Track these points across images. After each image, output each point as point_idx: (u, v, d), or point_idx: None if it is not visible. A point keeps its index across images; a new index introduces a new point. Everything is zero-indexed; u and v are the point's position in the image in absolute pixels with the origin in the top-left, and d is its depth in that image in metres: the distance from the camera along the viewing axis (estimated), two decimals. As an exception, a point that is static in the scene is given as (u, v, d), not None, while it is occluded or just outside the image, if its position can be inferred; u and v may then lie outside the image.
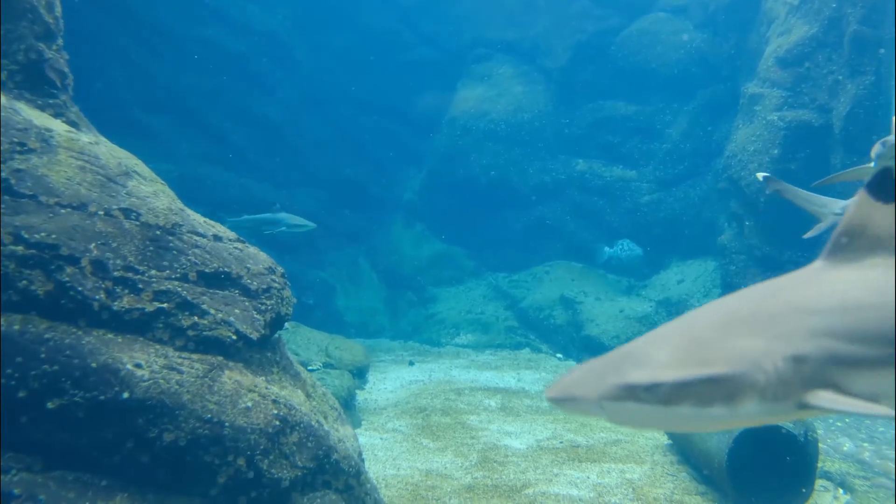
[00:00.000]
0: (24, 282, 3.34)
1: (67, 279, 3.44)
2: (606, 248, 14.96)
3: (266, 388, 4.02)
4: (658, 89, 15.64)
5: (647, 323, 13.36)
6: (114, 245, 3.68)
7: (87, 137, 4.16)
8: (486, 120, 16.67)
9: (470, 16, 17.69)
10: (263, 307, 4.20)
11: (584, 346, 13.45)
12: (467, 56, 17.75)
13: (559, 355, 13.78)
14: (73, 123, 4.28)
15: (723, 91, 14.49)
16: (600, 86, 16.28)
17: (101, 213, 3.74)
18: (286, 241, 16.31)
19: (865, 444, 7.94)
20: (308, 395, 4.55)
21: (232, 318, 3.98)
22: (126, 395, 3.40)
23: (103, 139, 4.45)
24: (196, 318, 3.84)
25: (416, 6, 17.97)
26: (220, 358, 3.88)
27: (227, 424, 3.66)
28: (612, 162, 16.04)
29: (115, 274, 3.62)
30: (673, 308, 13.40)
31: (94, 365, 3.37)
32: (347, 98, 17.62)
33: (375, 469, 7.19)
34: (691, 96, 15.35)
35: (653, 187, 15.43)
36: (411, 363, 12.96)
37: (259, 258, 4.45)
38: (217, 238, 4.29)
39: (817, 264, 2.45)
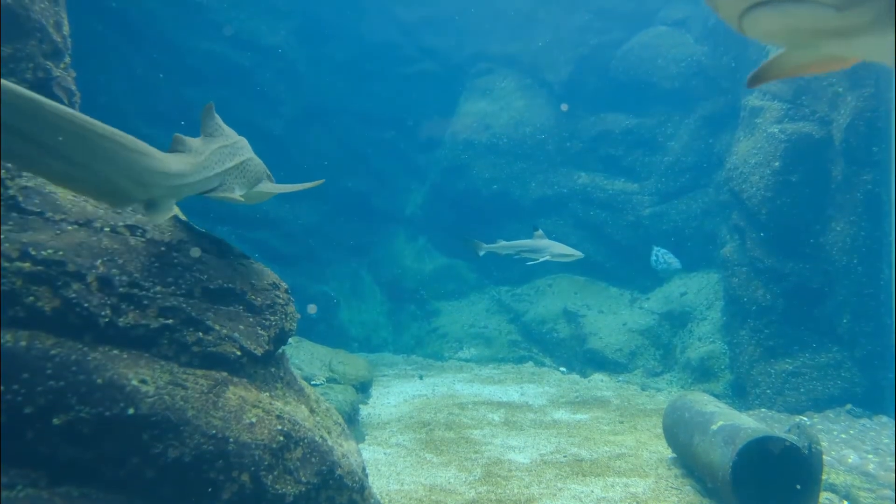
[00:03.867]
0: (31, 298, 3.36)
1: (74, 295, 3.47)
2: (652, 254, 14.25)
3: (270, 404, 4.03)
4: (659, 102, 15.70)
5: (651, 336, 13.36)
6: (119, 261, 3.71)
7: (94, 154, 4.19)
8: (489, 134, 16.73)
9: (471, 30, 17.79)
10: (267, 323, 4.22)
11: (588, 360, 13.44)
12: (469, 70, 17.84)
13: (562, 369, 13.76)
14: (79, 141, 4.31)
15: (724, 104, 14.53)
16: (602, 99, 16.34)
17: (107, 229, 3.78)
18: (288, 254, 16.36)
19: (870, 456, 7.91)
20: (312, 411, 4.56)
21: (236, 334, 4.00)
22: (131, 410, 3.41)
23: (109, 156, 4.48)
24: (201, 334, 3.86)
25: (417, 20, 18.08)
26: (225, 374, 3.90)
27: (231, 440, 3.67)
28: (614, 175, 16.07)
29: (121, 290, 3.64)
30: (676, 320, 13.40)
31: (99, 381, 3.39)
32: (350, 111, 17.70)
33: (379, 484, 7.18)
34: (692, 109, 15.39)
35: (655, 200, 15.45)
36: (421, 377, 12.94)
37: (263, 274, 4.48)
38: (222, 254, 4.32)
39: None
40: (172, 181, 3.65)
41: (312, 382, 9.56)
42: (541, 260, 10.87)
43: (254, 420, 3.84)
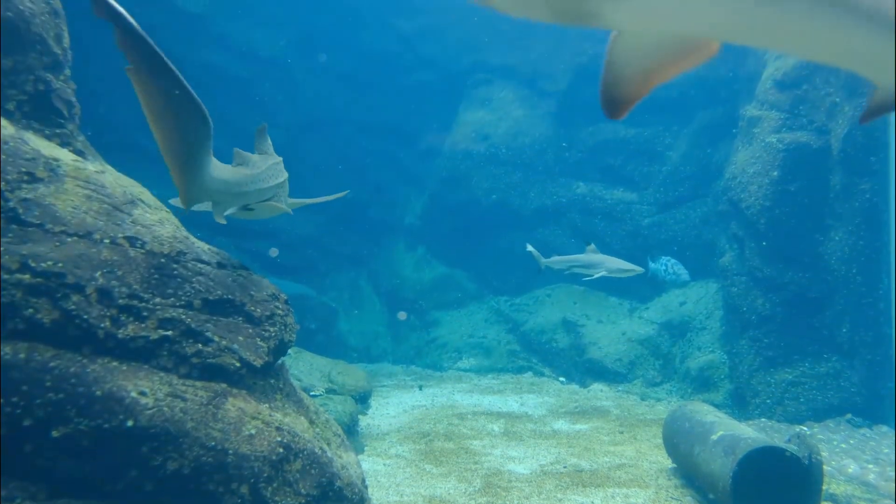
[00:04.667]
0: (31, 310, 3.36)
1: (73, 307, 3.46)
2: (651, 263, 13.49)
3: (269, 416, 4.02)
4: (658, 112, 15.72)
5: (650, 345, 13.34)
6: (119, 273, 3.71)
7: (94, 166, 4.20)
8: (487, 143, 16.75)
9: (470, 40, 17.83)
10: (267, 334, 4.22)
11: (587, 370, 13.41)
12: (468, 80, 17.87)
13: (562, 379, 13.74)
14: (79, 152, 4.32)
15: (722, 114, 14.57)
16: (600, 109, 16.30)
17: (107, 241, 3.77)
18: (288, 265, 16.36)
19: (870, 466, 7.89)
20: (311, 422, 4.55)
21: (236, 346, 4.00)
22: (130, 422, 3.41)
23: (109, 167, 4.49)
24: (200, 345, 3.85)
25: (416, 30, 18.13)
26: (224, 385, 3.89)
27: (230, 452, 3.66)
28: (613, 184, 16.08)
29: (120, 302, 3.64)
30: (675, 330, 13.38)
31: (98, 393, 3.38)
32: (348, 121, 17.72)
33: (379, 495, 7.15)
34: (691, 119, 15.43)
35: (654, 209, 15.46)
36: (420, 388, 12.90)
37: (263, 285, 4.48)
38: (221, 265, 4.32)
39: None
40: (232, 189, 4.50)
41: (311, 393, 9.54)
42: (596, 276, 10.33)
43: (253, 432, 3.83)
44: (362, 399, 10.75)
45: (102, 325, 3.54)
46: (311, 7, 17.14)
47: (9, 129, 3.83)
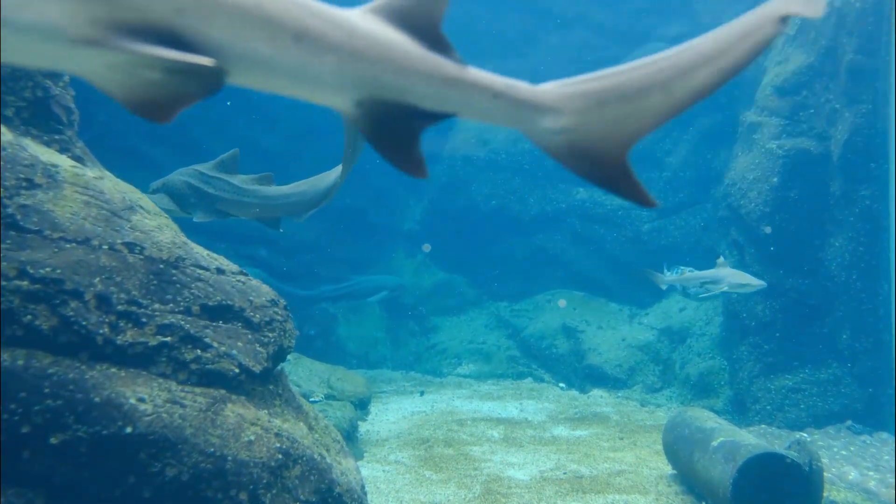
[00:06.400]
0: (29, 316, 3.35)
1: (72, 314, 3.46)
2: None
3: (268, 422, 4.01)
4: (657, 118, 15.71)
5: (650, 351, 13.33)
6: (118, 279, 3.70)
7: (93, 172, 4.20)
8: (487, 149, 16.77)
9: (469, 46, 17.65)
10: (266, 340, 4.21)
11: (587, 376, 13.39)
12: (467, 86, 17.85)
13: (562, 385, 13.72)
14: (78, 158, 4.32)
15: (722, 120, 14.57)
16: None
17: (106, 247, 3.77)
18: (287, 270, 16.33)
19: (871, 473, 7.88)
20: (310, 428, 4.54)
21: (234, 352, 3.99)
22: (129, 429, 3.39)
23: (108, 173, 4.49)
24: (199, 351, 3.84)
25: (416, 37, 18.13)
26: (223, 391, 3.88)
27: (229, 458, 3.65)
28: (613, 190, 16.08)
29: (119, 308, 3.63)
30: (675, 336, 13.37)
31: (97, 399, 3.37)
32: (348, 128, 17.71)
33: (378, 502, 7.14)
34: (690, 125, 15.44)
35: (653, 215, 15.47)
36: (422, 393, 12.88)
37: (262, 290, 4.47)
38: (220, 271, 4.31)
39: None
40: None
41: (311, 399, 9.52)
42: (716, 292, 9.80)
43: (252, 438, 3.82)
44: (362, 405, 10.74)
45: (101, 331, 3.53)
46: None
47: (7, 135, 3.83)
